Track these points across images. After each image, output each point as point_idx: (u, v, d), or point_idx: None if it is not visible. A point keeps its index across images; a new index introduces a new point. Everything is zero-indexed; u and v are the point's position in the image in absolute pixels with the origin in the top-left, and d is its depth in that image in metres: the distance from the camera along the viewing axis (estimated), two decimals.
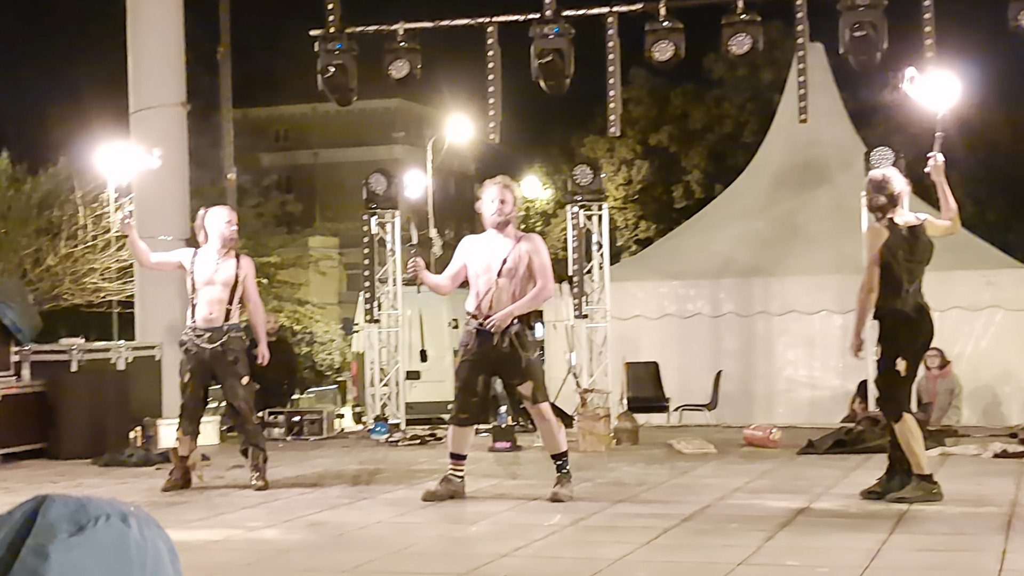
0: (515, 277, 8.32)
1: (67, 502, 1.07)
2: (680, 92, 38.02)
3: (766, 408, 15.28)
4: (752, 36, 12.40)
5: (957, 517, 7.37)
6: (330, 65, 13.37)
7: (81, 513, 1.06)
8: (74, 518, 1.05)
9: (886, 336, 7.97)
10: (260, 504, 8.58)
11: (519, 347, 8.31)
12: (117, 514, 1.08)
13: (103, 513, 1.07)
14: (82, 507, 1.07)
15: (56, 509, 1.06)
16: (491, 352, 8.33)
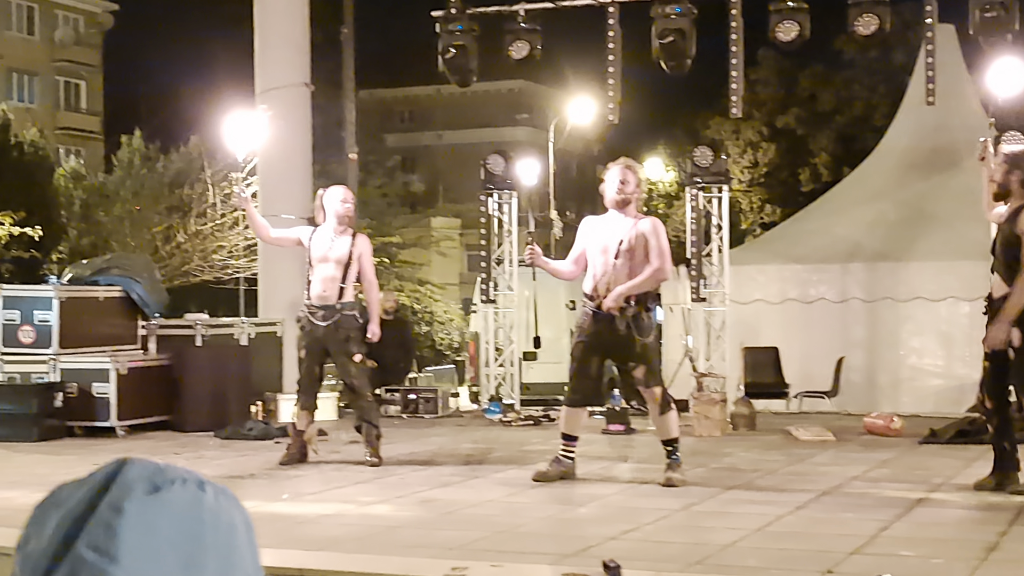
0: (632, 259, 8.25)
1: (146, 465, 1.11)
2: (809, 73, 37.45)
3: (890, 397, 14.96)
4: (879, 17, 12.14)
5: None
6: (451, 46, 13.42)
7: (158, 475, 1.10)
8: (151, 479, 1.09)
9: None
10: (373, 479, 8.67)
11: (635, 330, 8.23)
12: (194, 480, 1.11)
13: (180, 477, 1.11)
14: (160, 470, 1.11)
15: (135, 470, 1.10)
16: (606, 334, 8.28)
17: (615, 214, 8.40)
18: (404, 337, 15.36)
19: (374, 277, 9.72)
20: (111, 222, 23.07)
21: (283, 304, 13.55)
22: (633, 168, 8.48)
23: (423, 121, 53.66)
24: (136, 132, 25.60)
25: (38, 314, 12.07)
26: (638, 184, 8.41)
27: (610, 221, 8.41)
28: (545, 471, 8.48)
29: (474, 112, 50.50)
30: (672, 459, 8.34)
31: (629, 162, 8.57)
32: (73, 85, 46.56)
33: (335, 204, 9.43)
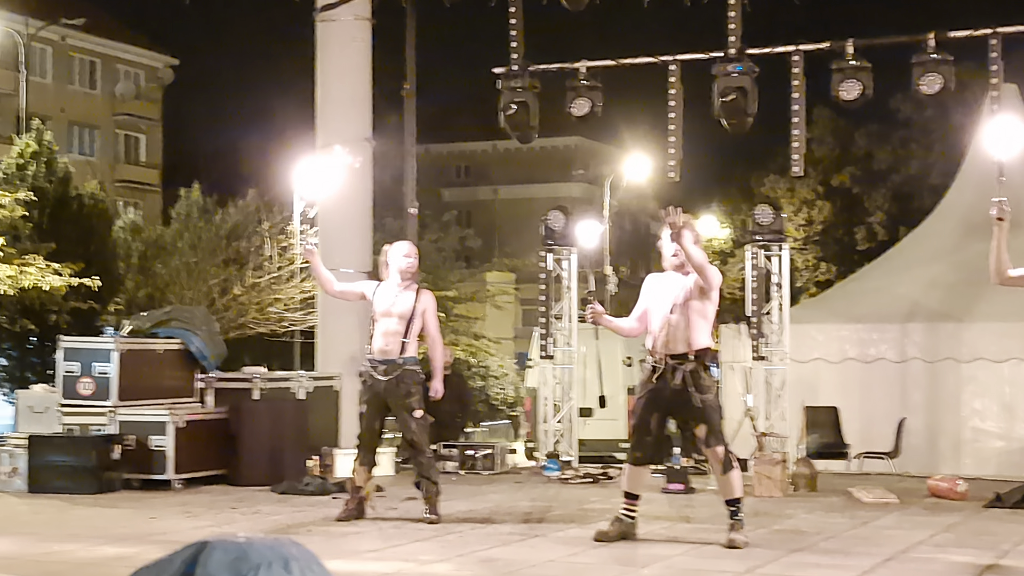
0: (688, 308, 8.22)
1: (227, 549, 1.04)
2: (864, 132, 37.32)
3: (951, 458, 14.75)
4: (944, 76, 12.10)
5: None
6: (512, 103, 13.48)
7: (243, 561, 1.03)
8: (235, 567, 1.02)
9: None
10: (432, 537, 8.61)
11: (692, 386, 8.18)
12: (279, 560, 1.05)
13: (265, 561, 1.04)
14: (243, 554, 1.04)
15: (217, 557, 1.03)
16: (665, 390, 8.23)
17: (673, 272, 8.40)
18: (461, 391, 15.32)
19: (438, 334, 9.70)
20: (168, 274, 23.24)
21: (341, 358, 13.56)
22: (688, 225, 8.41)
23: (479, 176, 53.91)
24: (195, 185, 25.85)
25: (97, 366, 12.15)
26: (695, 241, 8.36)
27: (670, 278, 8.41)
28: (606, 530, 8.41)
29: (530, 168, 50.69)
30: (735, 519, 8.24)
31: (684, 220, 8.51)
32: (133, 138, 47.24)
33: (399, 259, 9.46)
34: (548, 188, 49.15)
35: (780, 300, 14.21)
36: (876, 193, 37.43)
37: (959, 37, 12.42)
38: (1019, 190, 16.48)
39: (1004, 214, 7.73)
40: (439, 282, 28.95)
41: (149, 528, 9.05)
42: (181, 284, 22.77)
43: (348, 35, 14.26)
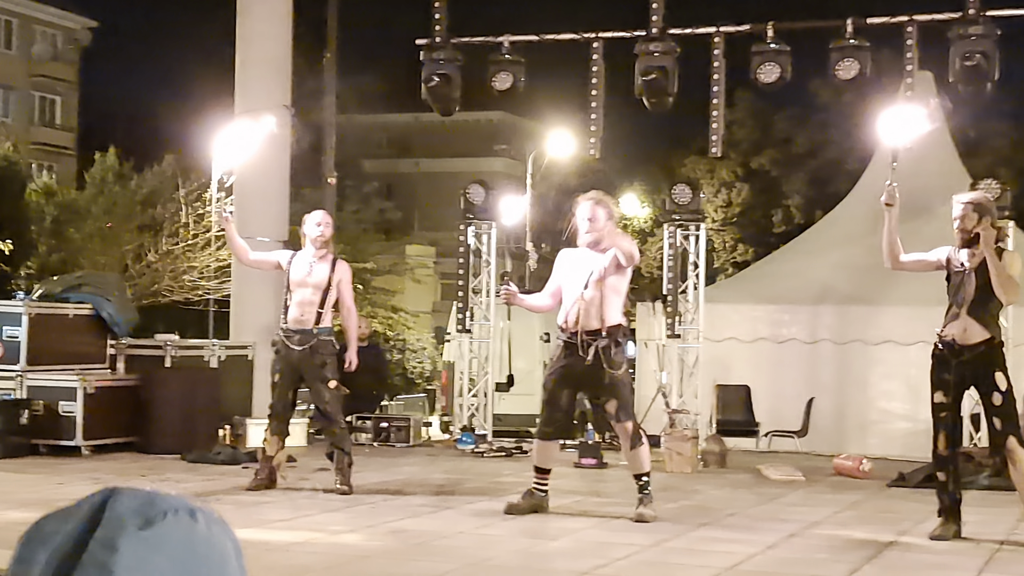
0: (602, 287, 8.24)
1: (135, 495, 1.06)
2: (784, 116, 37.69)
3: (858, 438, 15.00)
4: (860, 62, 12.27)
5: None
6: (434, 75, 13.45)
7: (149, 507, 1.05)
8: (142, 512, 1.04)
9: (1003, 363, 7.71)
10: (343, 508, 8.61)
11: (604, 362, 8.23)
12: (185, 509, 1.07)
13: (171, 508, 1.06)
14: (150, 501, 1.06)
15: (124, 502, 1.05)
16: (577, 366, 8.28)
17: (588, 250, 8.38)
18: (377, 364, 15.30)
19: (353, 304, 9.68)
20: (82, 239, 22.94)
21: (255, 327, 13.48)
22: (602, 202, 8.38)
23: (401, 148, 53.66)
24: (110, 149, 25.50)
25: (7, 330, 11.97)
26: (609, 217, 8.35)
27: (584, 254, 8.39)
28: (517, 503, 8.46)
29: (452, 141, 50.55)
30: (643, 494, 8.32)
31: (598, 196, 8.46)
32: (48, 100, 46.43)
33: (311, 228, 9.43)
34: (470, 162, 49.05)
35: (696, 280, 14.37)
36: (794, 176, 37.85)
37: (876, 24, 12.59)
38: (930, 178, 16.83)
39: (892, 199, 7.86)
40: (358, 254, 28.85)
41: (55, 493, 8.96)
42: (95, 249, 22.49)
43: (269, 1, 14.13)
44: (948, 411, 7.85)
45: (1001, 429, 7.67)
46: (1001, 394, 7.62)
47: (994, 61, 11.89)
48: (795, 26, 12.96)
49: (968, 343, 7.69)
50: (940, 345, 7.84)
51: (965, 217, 7.77)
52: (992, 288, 7.63)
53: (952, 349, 7.74)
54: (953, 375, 7.75)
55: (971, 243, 7.75)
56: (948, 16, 12.23)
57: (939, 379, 7.85)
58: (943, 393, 7.82)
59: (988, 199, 8.07)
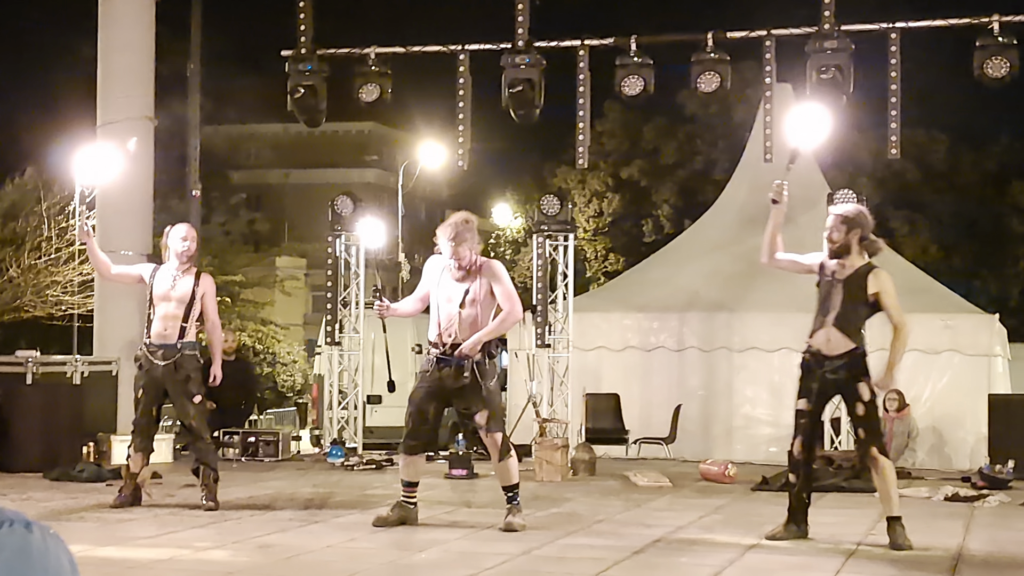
0: (477, 306, 8.30)
1: None
2: (652, 127, 38.17)
3: (724, 444, 15.31)
4: (720, 75, 12.53)
5: (904, 559, 7.39)
6: (300, 86, 13.41)
7: None
8: None
9: (869, 374, 7.93)
10: (209, 524, 8.52)
11: (479, 376, 8.28)
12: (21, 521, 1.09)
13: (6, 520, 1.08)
14: None
15: None
16: (449, 380, 8.31)
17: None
18: (245, 378, 15.16)
19: (217, 318, 9.59)
20: None
21: (119, 343, 13.28)
22: (466, 227, 8.26)
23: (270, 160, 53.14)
24: None
25: None
26: (471, 250, 8.27)
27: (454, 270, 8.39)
28: (385, 516, 8.46)
29: (322, 152, 50.24)
30: (512, 504, 8.38)
31: (459, 222, 8.29)
32: None
33: (176, 242, 9.32)
34: (341, 173, 48.81)
35: (565, 290, 14.53)
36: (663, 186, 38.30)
37: (736, 38, 12.86)
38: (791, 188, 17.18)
39: (780, 197, 8.01)
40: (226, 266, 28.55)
41: None
42: None
43: (131, 12, 13.95)
44: (808, 418, 8.05)
45: (865, 438, 7.89)
46: (864, 404, 7.83)
47: (849, 74, 12.24)
48: (658, 40, 13.18)
49: (833, 353, 7.88)
50: (807, 354, 8.03)
51: (833, 229, 7.97)
52: (858, 300, 7.84)
53: (817, 359, 7.93)
54: (817, 384, 7.94)
55: (839, 254, 7.94)
56: (805, 30, 12.55)
57: (804, 387, 8.04)
58: (806, 401, 8.02)
59: (862, 212, 8.26)
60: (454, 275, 8.33)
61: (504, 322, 8.34)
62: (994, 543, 8.16)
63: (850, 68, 12.28)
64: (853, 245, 7.90)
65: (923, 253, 31.73)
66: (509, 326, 8.48)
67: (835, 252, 7.96)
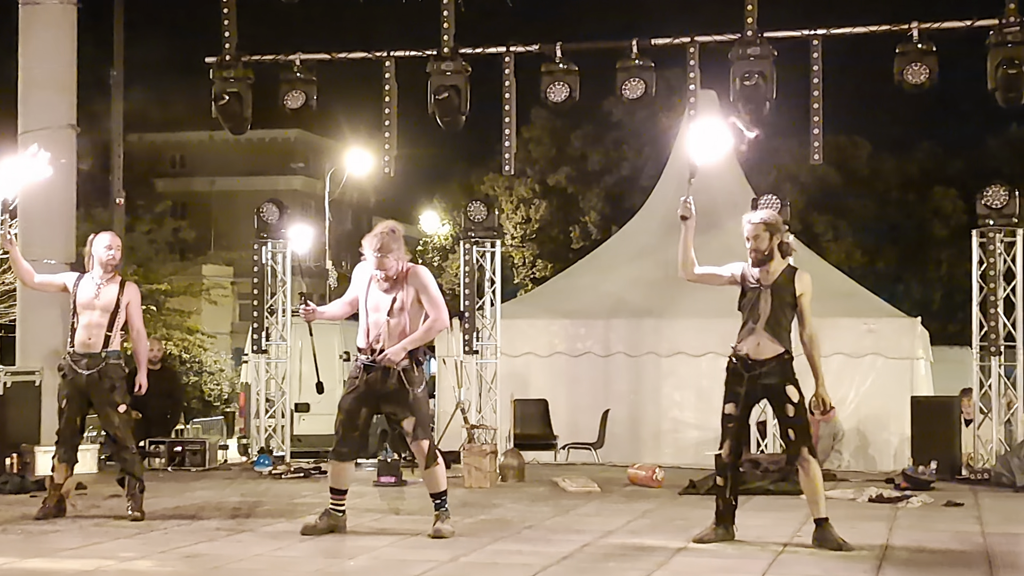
0: (404, 313, 8.30)
1: None
2: (580, 134, 38.34)
3: (653, 448, 15.40)
4: (645, 82, 12.63)
5: (830, 560, 7.49)
6: (224, 93, 13.34)
7: None
8: None
9: (794, 377, 8.01)
10: (135, 535, 8.43)
11: (406, 382, 8.29)
12: None
13: None
14: None
15: None
16: (377, 386, 8.30)
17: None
18: (171, 387, 15.03)
19: (142, 327, 9.50)
20: None
21: (42, 352, 13.10)
22: (392, 236, 8.22)
23: (195, 167, 52.72)
24: None
25: None
26: (398, 260, 8.26)
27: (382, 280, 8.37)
28: (314, 524, 8.42)
29: (248, 159, 49.92)
30: (440, 511, 8.39)
31: (385, 232, 8.24)
32: None
33: (100, 251, 9.23)
34: (267, 180, 48.57)
35: (493, 296, 14.57)
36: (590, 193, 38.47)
37: (660, 45, 12.96)
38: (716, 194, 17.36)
39: (688, 213, 8.07)
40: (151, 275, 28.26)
41: None
42: None
43: (52, 19, 13.77)
44: (736, 423, 8.13)
45: (795, 440, 7.99)
46: (794, 406, 7.93)
47: (772, 81, 12.39)
48: (583, 47, 13.25)
49: (761, 358, 7.97)
50: (734, 359, 8.10)
51: (757, 237, 8.04)
52: (786, 303, 7.94)
53: (746, 364, 8.01)
54: (745, 388, 8.03)
55: (764, 261, 8.03)
56: (728, 37, 12.68)
57: (731, 392, 8.11)
58: (734, 405, 8.09)
59: (777, 217, 8.36)
60: (381, 285, 8.32)
61: (430, 330, 8.35)
62: (917, 543, 8.29)
63: (773, 74, 12.43)
64: (775, 250, 8.01)
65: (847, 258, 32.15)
66: (435, 333, 8.49)
67: (760, 260, 8.06)
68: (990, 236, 13.20)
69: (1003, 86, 12.12)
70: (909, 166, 36.12)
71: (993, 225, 13.19)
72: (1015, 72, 11.99)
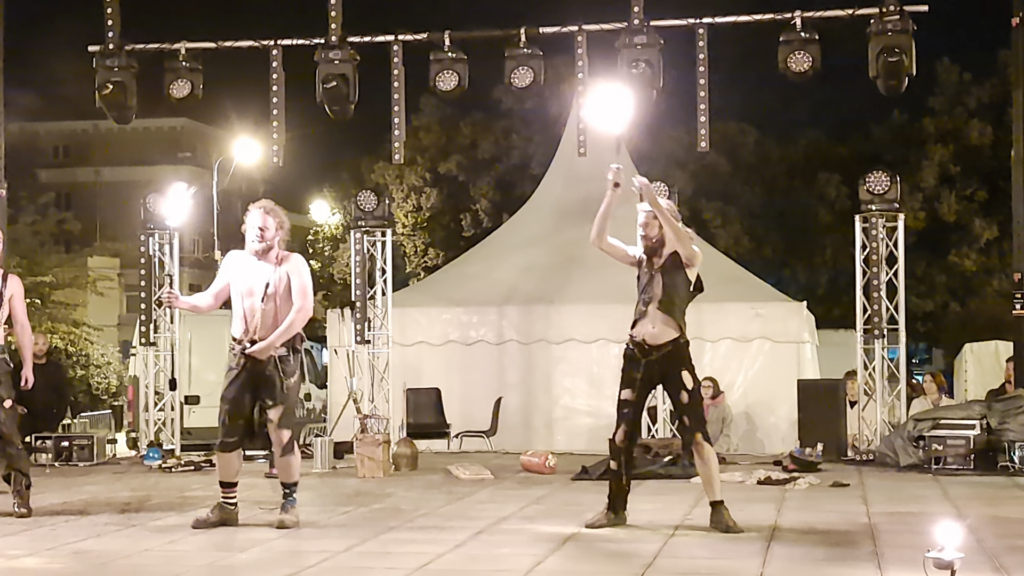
0: (277, 300, 8.25)
1: None
2: (469, 121, 38.30)
3: (545, 435, 15.50)
4: (533, 70, 12.67)
5: (719, 542, 7.62)
6: (108, 82, 13.13)
7: None
8: None
9: (690, 362, 8.10)
10: (22, 532, 8.29)
11: (279, 371, 8.25)
12: None
13: None
14: None
15: None
16: (255, 374, 8.25)
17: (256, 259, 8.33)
18: (57, 381, 14.76)
19: (27, 319, 9.33)
20: None
21: None
22: (272, 211, 8.33)
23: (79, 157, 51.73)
24: None
25: None
26: (279, 227, 8.32)
27: (254, 263, 8.34)
28: (205, 518, 8.35)
29: (134, 149, 49.14)
30: (287, 500, 8.41)
31: (269, 205, 8.40)
32: None
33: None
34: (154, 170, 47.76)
35: (384, 285, 14.53)
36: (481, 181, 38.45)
37: (548, 33, 13.02)
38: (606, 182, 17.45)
39: (620, 180, 8.15)
40: (35, 267, 27.71)
41: None
42: None
43: None
44: (631, 407, 8.20)
45: (689, 425, 8.10)
46: (688, 392, 8.04)
47: (659, 69, 12.51)
48: (471, 35, 13.24)
49: (656, 343, 8.07)
50: (630, 345, 8.19)
51: (648, 224, 8.15)
52: (678, 287, 8.03)
53: (642, 348, 8.10)
54: (641, 373, 8.11)
55: (656, 248, 8.13)
56: (615, 26, 12.77)
57: (627, 377, 8.19)
58: (630, 391, 8.17)
59: (671, 205, 8.46)
60: (254, 269, 8.25)
61: (294, 321, 8.27)
62: (805, 523, 8.47)
63: (660, 63, 12.56)
64: (667, 236, 8.11)
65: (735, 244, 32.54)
66: (300, 323, 8.38)
67: (651, 247, 8.18)
68: (872, 221, 13.48)
69: (884, 74, 12.37)
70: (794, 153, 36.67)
71: (875, 210, 13.47)
72: (895, 60, 12.24)
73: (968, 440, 11.89)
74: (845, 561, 6.91)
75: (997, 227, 31.23)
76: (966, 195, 32.60)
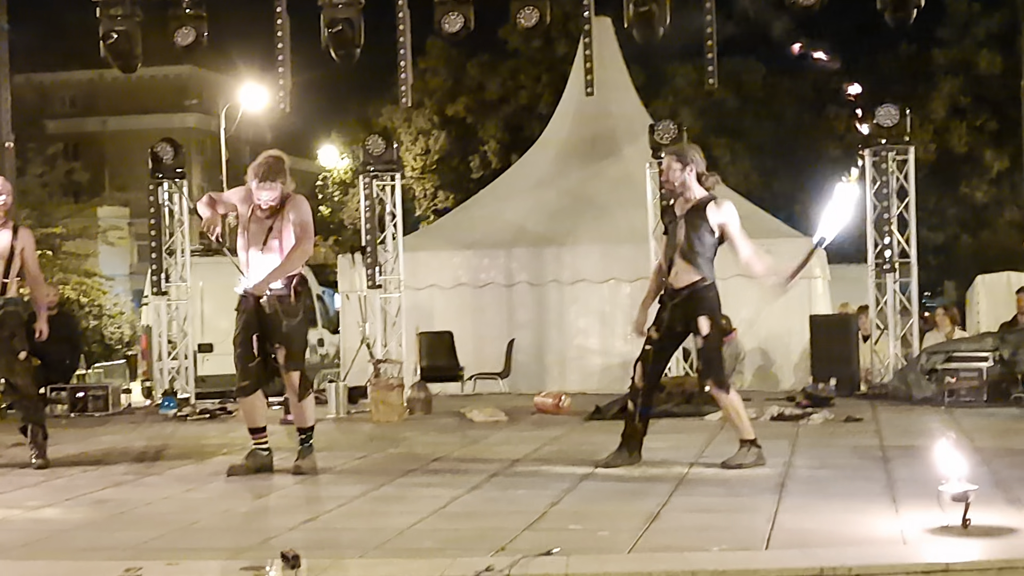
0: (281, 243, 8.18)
1: None
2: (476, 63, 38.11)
3: (558, 376, 15.54)
4: (539, 10, 12.57)
5: (734, 479, 7.65)
6: (112, 31, 13.06)
7: None
8: None
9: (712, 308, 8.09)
10: (40, 483, 8.34)
11: (280, 311, 8.20)
12: None
13: None
14: None
15: None
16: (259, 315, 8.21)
17: None
18: (70, 332, 14.79)
19: (39, 272, 9.34)
20: None
21: None
22: (278, 162, 8.16)
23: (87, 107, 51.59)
24: None
25: None
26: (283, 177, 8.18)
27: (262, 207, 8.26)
28: (240, 464, 8.36)
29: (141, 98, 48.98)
30: (304, 447, 8.40)
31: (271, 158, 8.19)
32: None
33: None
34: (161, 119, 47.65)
35: (394, 230, 14.53)
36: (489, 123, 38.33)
37: None
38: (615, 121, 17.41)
39: None
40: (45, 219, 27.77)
41: None
42: None
43: None
44: (653, 345, 8.21)
45: (702, 371, 8.15)
46: (703, 338, 8.03)
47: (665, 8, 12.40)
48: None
49: (677, 287, 8.08)
50: (664, 288, 8.23)
51: (669, 169, 8.13)
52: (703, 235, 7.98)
53: (668, 291, 8.15)
54: (668, 315, 8.15)
55: (678, 193, 8.12)
56: None
57: (657, 317, 8.24)
58: (656, 329, 8.21)
59: (688, 148, 8.42)
60: (259, 215, 8.20)
61: (292, 257, 8.18)
62: (819, 459, 8.50)
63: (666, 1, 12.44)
64: (690, 182, 8.07)
65: (745, 180, 32.45)
66: (299, 260, 8.28)
67: (672, 191, 8.18)
68: (882, 155, 13.41)
69: (892, 5, 12.25)
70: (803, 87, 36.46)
71: (885, 144, 13.39)
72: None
73: (981, 372, 11.89)
74: (859, 496, 6.93)
75: (1008, 158, 31.07)
76: (976, 126, 32.42)
